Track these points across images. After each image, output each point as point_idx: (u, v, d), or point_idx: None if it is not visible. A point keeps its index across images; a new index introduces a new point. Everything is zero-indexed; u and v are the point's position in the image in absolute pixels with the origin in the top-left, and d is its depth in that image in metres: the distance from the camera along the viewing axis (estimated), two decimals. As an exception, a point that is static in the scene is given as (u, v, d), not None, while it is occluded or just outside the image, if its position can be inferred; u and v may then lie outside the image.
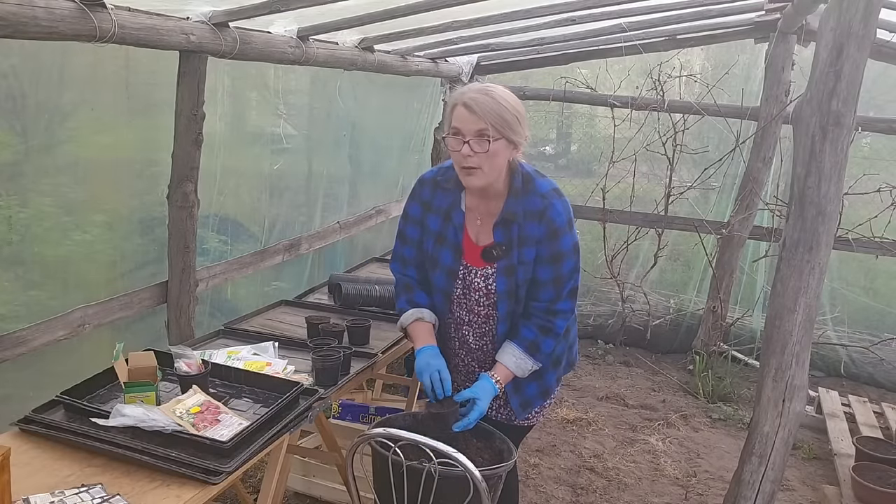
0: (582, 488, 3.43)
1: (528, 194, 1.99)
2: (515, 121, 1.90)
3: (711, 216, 5.13)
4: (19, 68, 2.28)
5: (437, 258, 2.11)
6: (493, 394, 2.04)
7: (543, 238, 1.99)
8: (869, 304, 5.17)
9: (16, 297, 2.44)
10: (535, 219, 1.98)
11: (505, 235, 2.01)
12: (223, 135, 3.21)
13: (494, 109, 1.87)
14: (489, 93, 1.90)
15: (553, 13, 3.44)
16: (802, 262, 2.30)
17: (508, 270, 2.02)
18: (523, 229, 1.99)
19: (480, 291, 2.08)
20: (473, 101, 1.88)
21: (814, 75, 2.24)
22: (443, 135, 1.99)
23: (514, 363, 2.05)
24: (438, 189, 2.10)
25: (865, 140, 5.11)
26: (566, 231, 2.00)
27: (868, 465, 3.33)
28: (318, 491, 3.10)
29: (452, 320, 2.18)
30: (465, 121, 1.89)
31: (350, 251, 4.57)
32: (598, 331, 5.46)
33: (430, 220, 2.12)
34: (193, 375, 2.05)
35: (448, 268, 2.09)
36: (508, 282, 2.03)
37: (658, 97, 4.71)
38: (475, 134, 1.88)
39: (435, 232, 2.11)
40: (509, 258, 2.02)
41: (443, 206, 2.09)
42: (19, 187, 2.40)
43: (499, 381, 2.05)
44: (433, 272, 2.13)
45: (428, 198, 2.12)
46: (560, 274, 2.01)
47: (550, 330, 2.06)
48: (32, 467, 1.71)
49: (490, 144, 1.87)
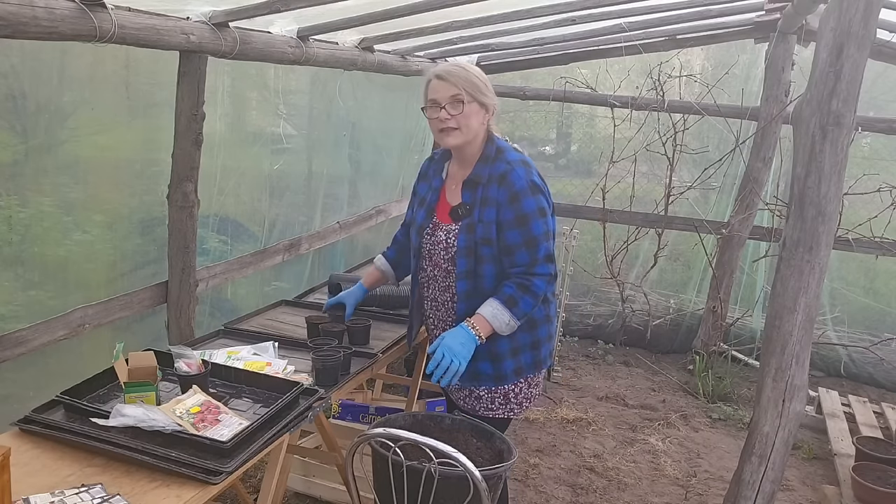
0: (582, 488, 3.43)
1: (496, 160, 2.20)
2: (484, 85, 2.17)
3: (711, 216, 5.13)
4: (19, 68, 2.28)
5: (415, 218, 2.38)
6: (464, 336, 2.13)
7: (504, 201, 2.15)
8: (869, 304, 5.17)
9: (16, 297, 2.44)
10: (497, 181, 2.17)
11: (471, 196, 2.21)
12: (223, 135, 3.21)
13: (464, 76, 2.14)
14: (457, 64, 2.20)
15: (553, 13, 3.44)
16: (802, 262, 2.30)
17: (468, 227, 2.20)
18: (486, 191, 2.18)
19: (441, 245, 2.26)
20: (445, 71, 2.15)
21: (814, 75, 2.24)
22: (422, 107, 2.21)
23: (491, 312, 2.15)
24: (432, 162, 2.42)
25: (865, 140, 5.11)
26: (528, 194, 2.15)
27: (868, 465, 3.33)
28: (318, 491, 3.10)
29: (424, 276, 2.37)
30: (440, 90, 2.14)
31: (350, 251, 4.57)
32: (598, 331, 5.46)
33: (420, 188, 2.44)
34: (193, 375, 2.05)
35: (419, 225, 2.34)
36: (468, 238, 2.19)
37: (658, 97, 4.71)
38: (450, 99, 2.13)
39: (420, 196, 2.41)
40: (471, 217, 2.20)
41: (430, 174, 2.40)
42: (19, 187, 2.40)
43: (474, 325, 2.16)
44: (412, 231, 2.39)
45: (425, 170, 2.45)
46: (531, 236, 2.15)
47: (528, 288, 2.16)
48: (32, 467, 1.71)
49: (464, 106, 2.12)
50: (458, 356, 2.11)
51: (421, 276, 2.38)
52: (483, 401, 2.30)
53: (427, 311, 2.43)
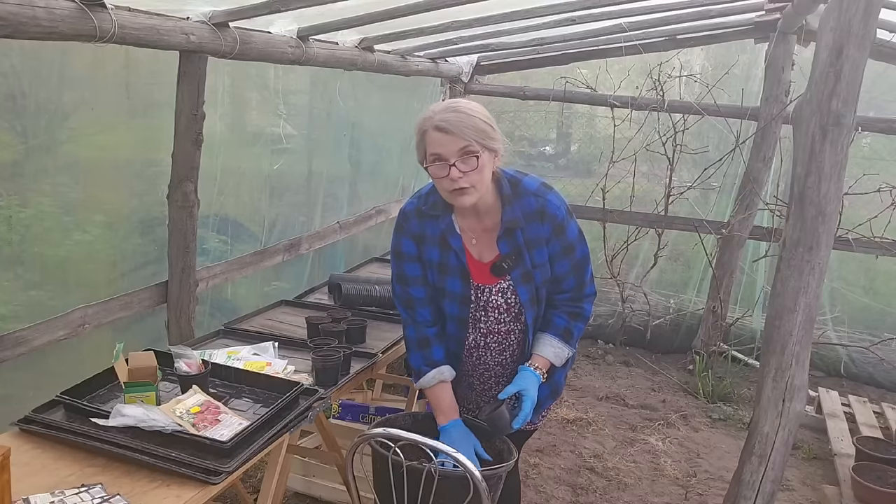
0: (582, 488, 3.43)
1: (520, 197, 1.94)
2: (490, 128, 1.84)
3: (711, 216, 5.13)
4: (19, 68, 2.28)
5: (444, 287, 2.03)
6: (537, 382, 2.02)
7: (551, 235, 1.96)
8: (869, 304, 5.17)
9: (16, 297, 2.44)
10: (537, 219, 1.94)
11: (511, 244, 1.96)
12: (223, 135, 3.21)
13: (469, 123, 1.80)
14: (457, 109, 1.83)
15: (553, 13, 3.44)
16: (802, 262, 2.29)
17: (525, 277, 1.98)
18: (527, 233, 1.94)
19: (500, 308, 2.03)
20: (445, 121, 1.80)
21: (814, 75, 2.24)
22: (424, 165, 1.88)
23: (553, 353, 2.04)
24: (426, 218, 2.00)
25: (865, 140, 5.11)
26: (568, 221, 1.99)
27: (868, 465, 3.33)
28: (318, 491, 3.10)
29: (469, 344, 2.10)
30: (444, 143, 1.80)
31: (350, 251, 4.57)
32: (598, 331, 5.45)
33: (427, 252, 2.02)
34: (193, 375, 2.05)
35: (459, 295, 2.02)
36: (529, 289, 1.99)
37: (658, 97, 4.71)
38: (459, 154, 1.80)
39: (436, 262, 2.01)
40: (522, 265, 1.97)
41: (436, 234, 1.99)
42: (19, 187, 2.40)
43: (539, 368, 2.03)
44: (443, 301, 2.06)
45: (417, 230, 2.01)
46: (576, 262, 2.02)
47: (580, 315, 2.07)
48: (32, 467, 1.71)
49: (478, 160, 1.81)
50: (534, 400, 1.99)
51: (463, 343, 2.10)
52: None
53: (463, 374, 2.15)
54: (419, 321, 2.07)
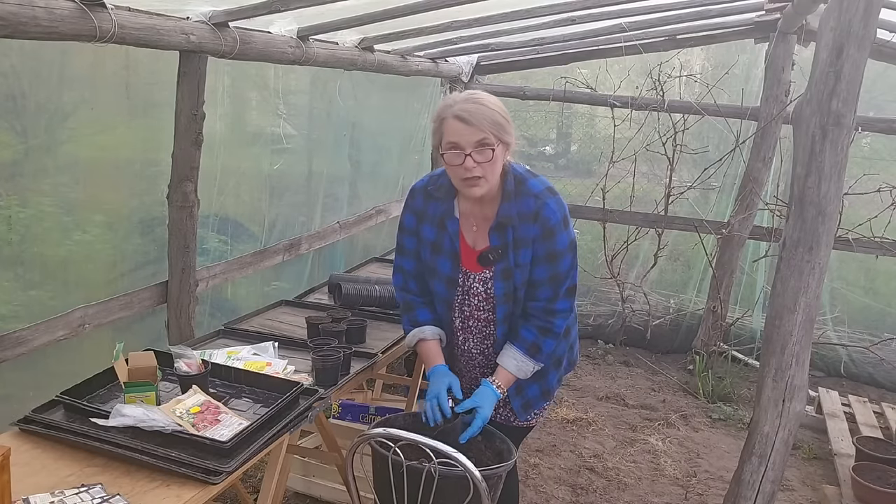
0: (582, 488, 3.43)
1: (521, 196, 1.98)
2: (507, 122, 1.90)
3: (711, 216, 5.13)
4: (19, 68, 2.28)
5: (435, 267, 2.10)
6: (494, 399, 2.05)
7: (538, 237, 1.98)
8: (869, 304, 5.17)
9: (16, 297, 2.44)
10: (530, 220, 1.97)
11: (500, 239, 2.00)
12: (223, 135, 3.21)
13: (488, 116, 1.86)
14: (478, 100, 1.89)
15: (553, 13, 3.45)
16: (802, 262, 2.29)
17: (505, 273, 2.02)
18: (518, 231, 1.98)
19: (480, 296, 2.09)
20: (466, 111, 1.85)
21: (814, 75, 2.24)
22: (440, 152, 1.93)
23: (516, 366, 2.06)
24: (430, 198, 2.08)
25: (865, 140, 5.11)
26: (561, 229, 1.99)
27: (868, 465, 3.33)
28: (318, 491, 3.10)
29: (455, 327, 2.18)
30: (462, 133, 1.86)
31: (350, 251, 4.57)
32: (598, 331, 5.45)
33: (424, 230, 2.11)
34: (193, 375, 2.05)
35: (447, 276, 2.09)
36: (506, 285, 2.02)
37: (658, 97, 4.71)
38: (475, 145, 1.86)
39: (430, 241, 2.10)
40: (506, 261, 2.01)
41: (436, 214, 2.07)
42: (19, 187, 2.40)
43: (500, 385, 2.06)
44: (432, 280, 2.13)
45: (420, 207, 2.10)
46: (557, 272, 2.01)
47: (550, 330, 2.06)
48: (32, 467, 1.71)
49: (493, 153, 1.87)
50: (486, 419, 2.01)
51: (450, 325, 2.18)
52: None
53: (454, 359, 2.24)
54: (408, 288, 2.20)
